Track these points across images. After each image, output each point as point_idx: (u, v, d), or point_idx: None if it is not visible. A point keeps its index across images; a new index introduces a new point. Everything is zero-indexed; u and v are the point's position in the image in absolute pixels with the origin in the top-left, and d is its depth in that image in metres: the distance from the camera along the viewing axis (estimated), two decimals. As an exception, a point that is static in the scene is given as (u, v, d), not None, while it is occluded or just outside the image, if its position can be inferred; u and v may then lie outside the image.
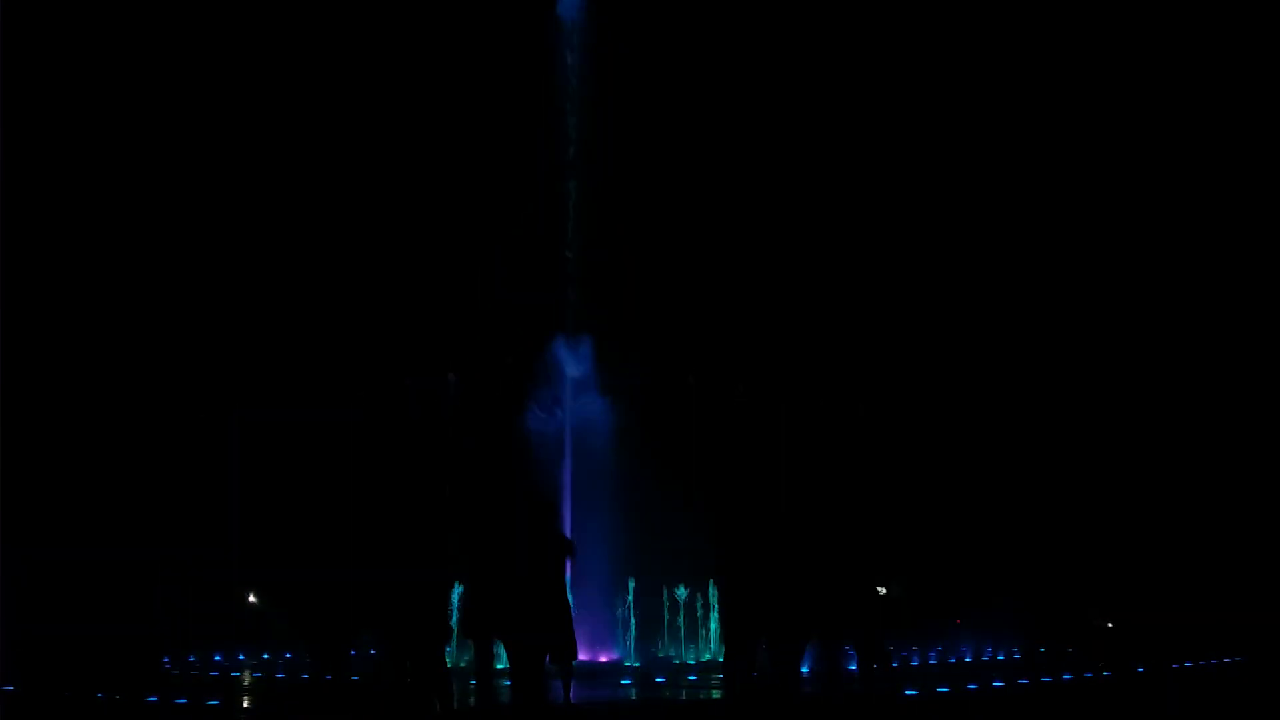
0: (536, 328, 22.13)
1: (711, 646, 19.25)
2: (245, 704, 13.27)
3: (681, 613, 19.99)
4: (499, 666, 11.01)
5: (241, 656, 22.03)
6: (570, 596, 10.39)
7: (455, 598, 10.84)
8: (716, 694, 13.78)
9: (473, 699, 10.87)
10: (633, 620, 19.13)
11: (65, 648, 20.58)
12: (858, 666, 12.13)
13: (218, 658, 21.85)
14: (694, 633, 19.94)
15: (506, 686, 10.58)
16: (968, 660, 20.32)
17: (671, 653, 19.64)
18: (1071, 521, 34.24)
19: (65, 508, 26.17)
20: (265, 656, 21.63)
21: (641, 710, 12.12)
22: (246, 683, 16.48)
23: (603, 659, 18.66)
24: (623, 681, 15.77)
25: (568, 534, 15.15)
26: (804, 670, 12.27)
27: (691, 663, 18.94)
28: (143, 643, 22.35)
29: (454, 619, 10.94)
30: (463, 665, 14.01)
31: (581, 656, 17.00)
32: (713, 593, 18.47)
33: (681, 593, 20.10)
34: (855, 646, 12.31)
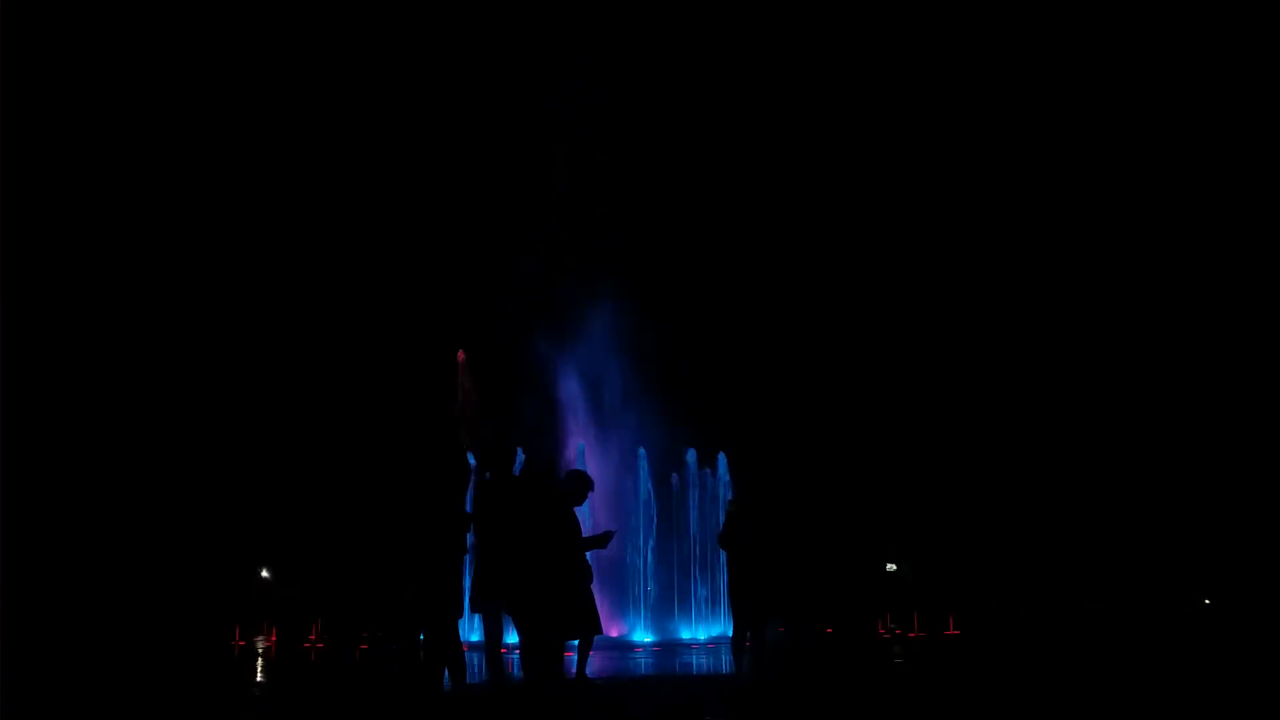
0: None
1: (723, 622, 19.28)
2: (258, 678, 13.35)
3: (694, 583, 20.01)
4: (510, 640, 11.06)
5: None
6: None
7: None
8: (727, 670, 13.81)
9: (483, 673, 10.91)
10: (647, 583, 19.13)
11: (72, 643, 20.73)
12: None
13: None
14: (705, 609, 19.96)
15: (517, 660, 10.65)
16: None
17: (682, 629, 19.67)
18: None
19: (71, 499, 26.38)
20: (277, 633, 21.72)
21: (649, 685, 12.14)
22: (259, 657, 16.56)
23: (614, 634, 18.70)
24: (633, 655, 15.85)
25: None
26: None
27: (703, 639, 18.99)
28: (156, 627, 22.54)
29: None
30: (475, 639, 14.08)
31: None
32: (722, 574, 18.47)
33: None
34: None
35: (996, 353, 35.36)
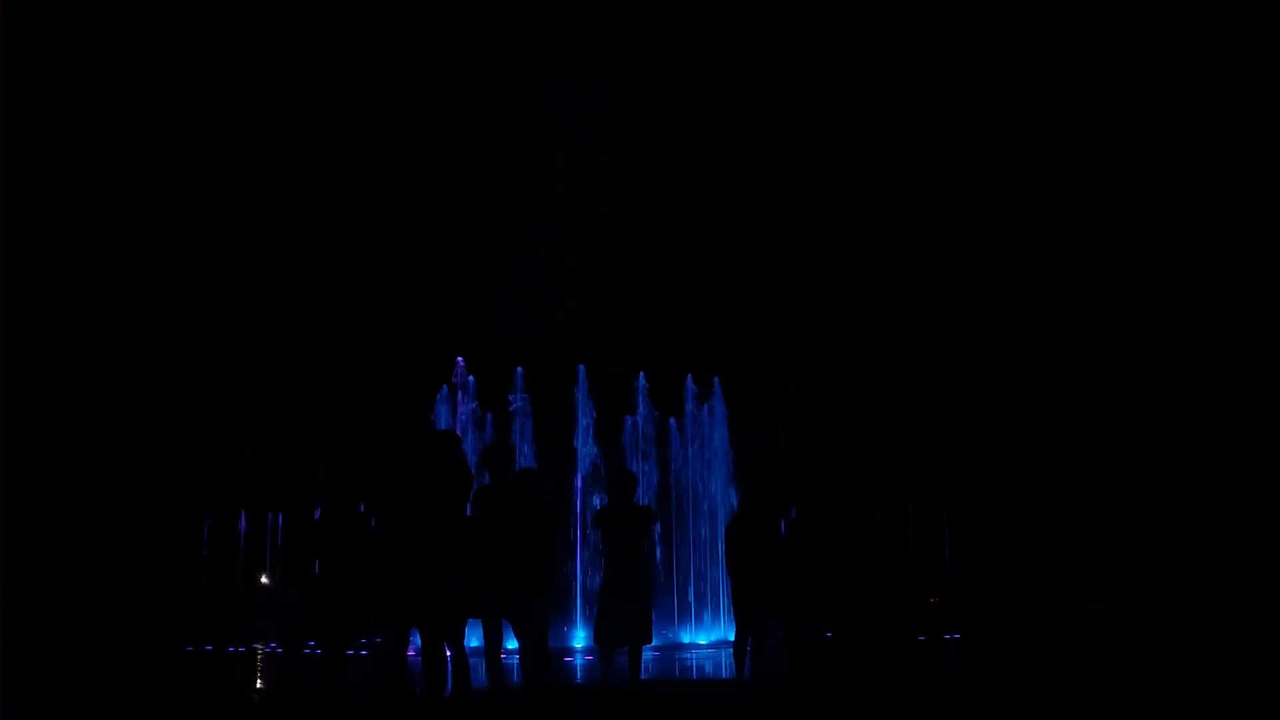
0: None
1: (722, 626, 19.23)
2: (255, 689, 13.34)
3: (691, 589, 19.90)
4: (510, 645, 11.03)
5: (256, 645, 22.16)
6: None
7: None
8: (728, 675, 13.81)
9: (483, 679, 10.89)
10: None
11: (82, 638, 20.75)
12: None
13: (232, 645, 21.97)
14: (703, 612, 19.90)
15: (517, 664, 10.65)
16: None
17: (681, 634, 19.61)
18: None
19: (73, 499, 26.41)
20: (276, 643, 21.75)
21: (649, 690, 12.11)
22: (257, 668, 16.54)
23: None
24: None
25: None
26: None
27: (702, 642, 18.92)
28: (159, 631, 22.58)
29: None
30: (474, 644, 14.05)
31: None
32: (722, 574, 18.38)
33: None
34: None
35: (996, 347, 35.43)
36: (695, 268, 30.80)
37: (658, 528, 18.77)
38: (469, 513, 9.64)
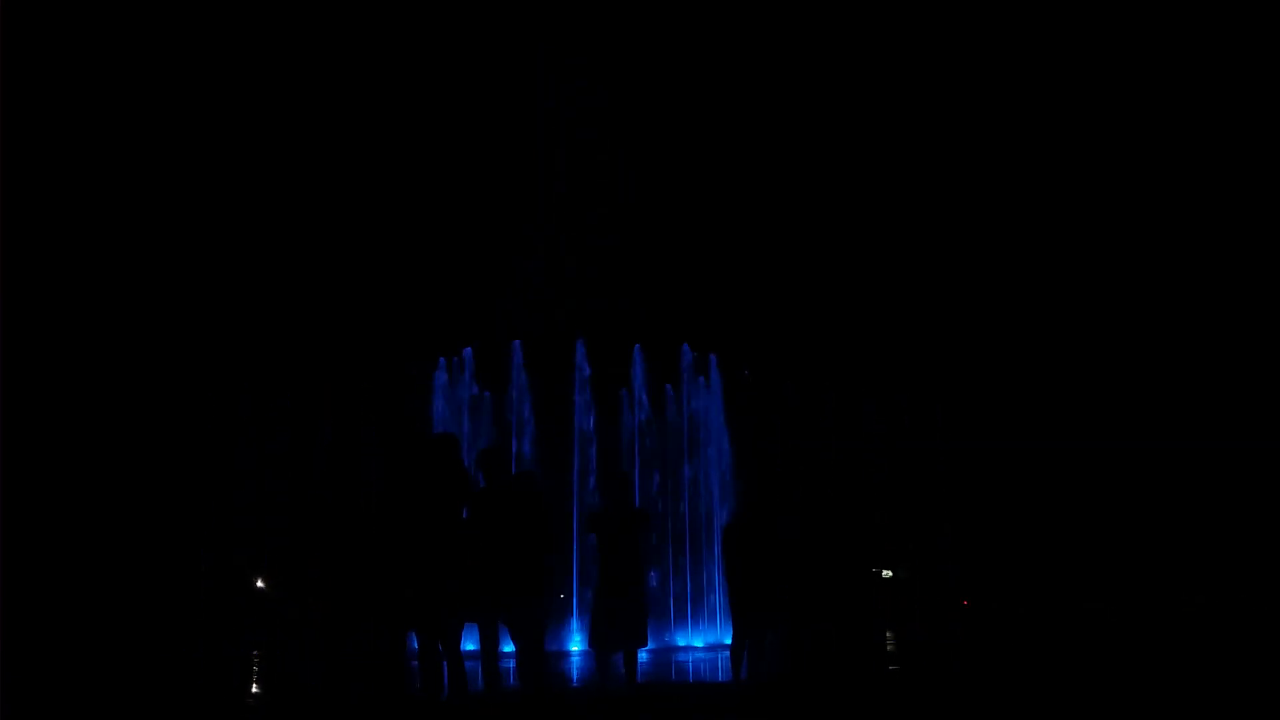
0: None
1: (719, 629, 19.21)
2: (252, 692, 13.34)
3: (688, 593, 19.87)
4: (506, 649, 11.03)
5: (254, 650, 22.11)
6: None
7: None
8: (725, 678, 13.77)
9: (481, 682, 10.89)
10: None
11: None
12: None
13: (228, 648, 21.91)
14: (699, 615, 19.88)
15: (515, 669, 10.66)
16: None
17: (678, 637, 19.59)
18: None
19: (73, 501, 26.43)
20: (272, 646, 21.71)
21: (646, 693, 12.12)
22: (254, 671, 16.53)
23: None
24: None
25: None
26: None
27: (699, 645, 18.90)
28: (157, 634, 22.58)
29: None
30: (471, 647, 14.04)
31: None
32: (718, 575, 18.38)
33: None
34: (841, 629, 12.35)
35: (997, 348, 35.46)
36: (695, 268, 30.86)
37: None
38: (466, 515, 9.65)
